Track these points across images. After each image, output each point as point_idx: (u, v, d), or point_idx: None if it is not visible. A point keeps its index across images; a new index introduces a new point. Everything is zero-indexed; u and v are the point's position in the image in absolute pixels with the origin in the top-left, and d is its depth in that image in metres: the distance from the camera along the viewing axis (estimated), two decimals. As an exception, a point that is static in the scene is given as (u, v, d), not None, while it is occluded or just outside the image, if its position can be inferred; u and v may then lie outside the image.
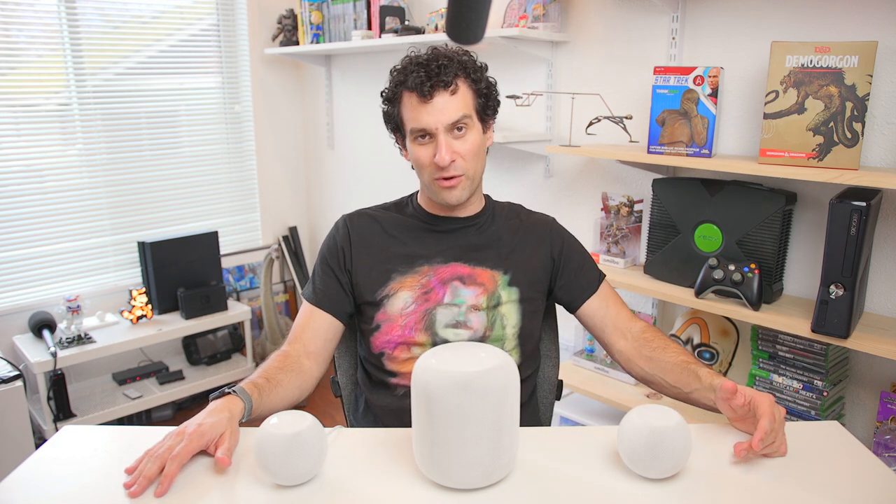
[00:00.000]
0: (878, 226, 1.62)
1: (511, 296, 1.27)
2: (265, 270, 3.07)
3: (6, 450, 2.03)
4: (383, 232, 1.31)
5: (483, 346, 0.93)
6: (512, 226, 1.34)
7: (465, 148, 1.21)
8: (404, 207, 1.36)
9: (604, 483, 0.91)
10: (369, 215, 1.34)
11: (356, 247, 1.30)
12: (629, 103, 2.05)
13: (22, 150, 2.57)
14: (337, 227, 1.34)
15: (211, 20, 3.02)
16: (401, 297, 1.25)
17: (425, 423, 0.87)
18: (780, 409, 1.00)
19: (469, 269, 1.27)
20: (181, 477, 0.92)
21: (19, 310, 2.62)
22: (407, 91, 1.20)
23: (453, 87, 1.19)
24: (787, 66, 1.53)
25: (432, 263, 1.27)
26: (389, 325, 1.25)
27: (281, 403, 1.15)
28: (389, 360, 1.25)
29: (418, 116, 1.19)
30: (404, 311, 1.24)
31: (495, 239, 1.31)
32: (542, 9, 2.13)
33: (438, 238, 1.30)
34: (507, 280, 1.28)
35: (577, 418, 2.14)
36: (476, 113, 1.24)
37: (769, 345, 1.73)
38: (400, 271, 1.27)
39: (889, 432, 1.58)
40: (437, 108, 1.18)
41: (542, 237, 1.34)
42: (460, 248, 1.29)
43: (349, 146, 3.17)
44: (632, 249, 2.10)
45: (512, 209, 1.39)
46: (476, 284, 1.26)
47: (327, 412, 2.90)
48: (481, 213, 1.33)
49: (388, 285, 1.26)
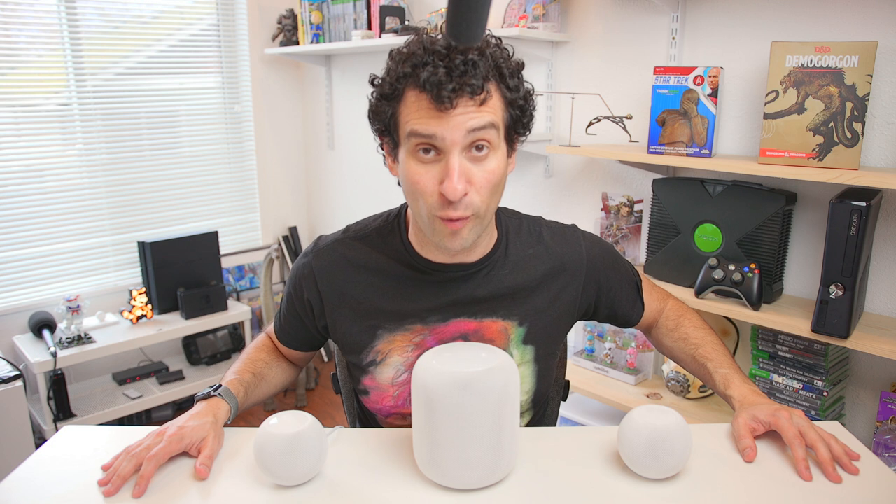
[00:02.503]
0: (878, 226, 1.62)
1: (525, 356, 1.06)
2: (265, 270, 3.07)
3: (6, 450, 2.03)
4: (361, 279, 1.04)
5: (483, 346, 0.93)
6: (531, 256, 1.07)
7: (483, 177, 0.89)
8: (389, 239, 1.04)
9: (604, 483, 0.91)
10: (341, 255, 1.05)
11: (329, 303, 1.05)
12: (629, 103, 2.05)
13: (22, 150, 2.57)
14: (302, 274, 1.06)
15: (211, 20, 3.02)
16: (391, 364, 1.04)
17: (425, 423, 0.87)
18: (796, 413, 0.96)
19: (475, 324, 1.03)
20: (181, 478, 0.92)
21: (19, 310, 2.62)
22: (415, 89, 0.87)
23: (483, 94, 0.86)
24: (787, 66, 1.53)
25: (427, 322, 1.03)
26: (380, 393, 1.06)
27: (264, 397, 1.15)
28: (383, 423, 1.12)
29: (427, 122, 0.86)
30: (396, 380, 1.04)
31: (510, 284, 1.04)
32: (542, 9, 2.13)
33: (433, 290, 1.02)
34: (521, 335, 1.05)
35: (577, 418, 2.14)
36: (504, 130, 0.92)
37: (769, 345, 1.73)
38: (387, 328, 1.03)
39: (889, 432, 1.58)
40: (455, 119, 0.85)
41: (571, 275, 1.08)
42: (463, 302, 1.03)
43: (349, 146, 3.17)
44: (632, 249, 2.10)
45: (531, 231, 1.09)
46: (483, 342, 1.03)
47: (327, 412, 2.90)
48: (492, 253, 1.03)
49: (375, 346, 1.04)
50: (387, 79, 0.91)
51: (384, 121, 0.93)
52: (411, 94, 0.88)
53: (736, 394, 1.04)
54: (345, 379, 1.41)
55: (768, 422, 0.95)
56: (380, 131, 0.96)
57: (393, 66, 0.91)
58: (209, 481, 0.91)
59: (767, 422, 0.95)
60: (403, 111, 0.90)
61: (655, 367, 2.09)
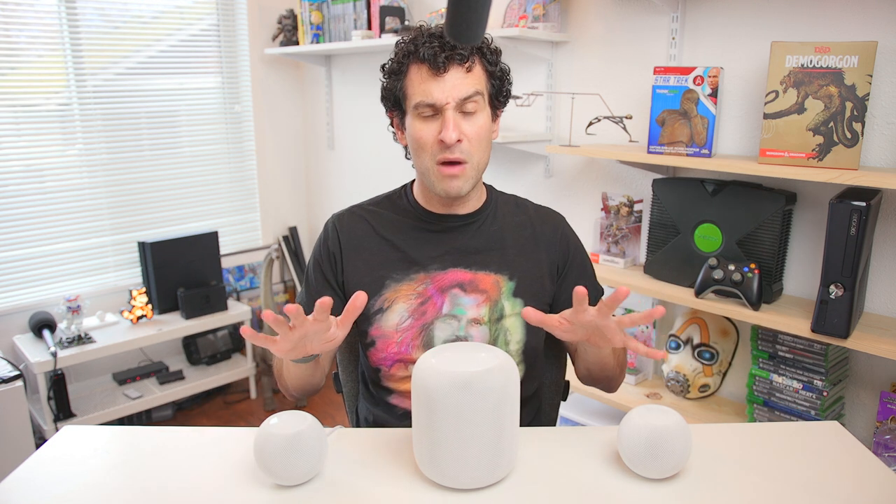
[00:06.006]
0: (878, 226, 1.62)
1: (515, 308, 1.18)
2: (265, 270, 3.07)
3: (6, 450, 2.03)
4: (375, 234, 1.23)
5: (483, 346, 0.93)
6: (518, 223, 1.25)
7: (473, 130, 1.11)
8: (397, 201, 1.26)
9: (604, 483, 0.91)
10: (359, 215, 1.26)
11: (347, 252, 1.22)
12: (629, 103, 2.05)
13: (22, 150, 2.57)
14: (327, 231, 1.27)
15: (211, 20, 3.02)
16: (396, 310, 1.17)
17: (425, 423, 0.87)
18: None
19: (470, 275, 1.19)
20: (180, 478, 0.92)
21: (19, 310, 2.62)
22: (416, 63, 1.11)
23: (469, 63, 1.10)
24: (786, 66, 1.53)
25: (429, 270, 1.19)
26: (385, 341, 1.17)
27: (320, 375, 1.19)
28: (387, 377, 1.20)
29: (427, 89, 1.09)
30: (400, 326, 1.17)
31: (498, 239, 1.22)
32: (542, 9, 2.13)
33: (435, 240, 1.21)
34: (511, 288, 1.19)
35: (577, 418, 2.14)
36: (488, 95, 1.15)
37: (769, 345, 1.73)
38: (395, 278, 1.19)
39: (889, 432, 1.58)
40: (448, 83, 1.09)
41: (550, 241, 1.25)
42: (459, 251, 1.20)
43: (349, 146, 3.17)
44: (632, 249, 2.10)
45: (518, 203, 1.29)
46: (478, 292, 1.18)
47: (327, 412, 2.90)
48: (482, 208, 1.24)
49: (383, 294, 1.18)
50: (394, 58, 1.15)
51: (394, 97, 1.16)
52: (413, 68, 1.12)
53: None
54: (345, 379, 1.41)
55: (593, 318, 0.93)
56: (391, 106, 1.19)
57: (398, 50, 1.14)
58: (209, 481, 0.91)
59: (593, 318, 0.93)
60: (408, 85, 1.13)
61: (655, 368, 2.09)
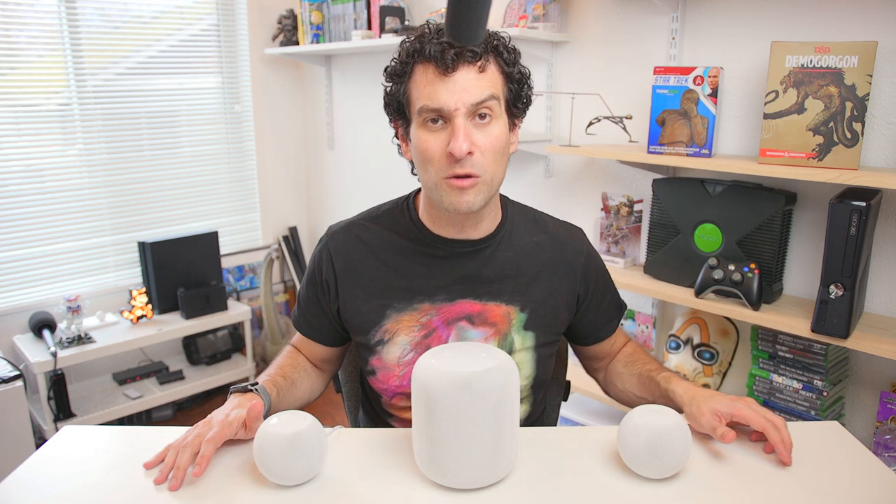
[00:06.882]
0: (878, 226, 1.62)
1: (525, 342, 1.09)
2: (265, 270, 3.07)
3: (6, 450, 2.03)
4: (373, 258, 1.09)
5: (483, 346, 0.93)
6: (535, 243, 1.12)
7: (487, 141, 0.96)
8: (399, 218, 1.11)
9: (604, 483, 0.91)
10: (356, 235, 1.11)
11: (343, 279, 1.10)
12: (629, 103, 2.05)
13: (22, 150, 2.57)
14: (320, 255, 1.13)
15: (211, 20, 3.02)
16: (398, 343, 1.07)
17: (425, 423, 0.87)
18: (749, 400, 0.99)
19: (480, 306, 1.08)
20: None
21: (19, 310, 2.62)
22: (422, 62, 0.96)
23: (482, 62, 0.95)
24: (786, 66, 1.53)
25: (435, 301, 1.07)
26: (386, 373, 1.09)
27: (295, 402, 1.14)
28: (388, 405, 1.15)
29: (433, 92, 0.94)
30: (402, 359, 1.08)
31: (513, 266, 1.09)
32: (542, 9, 2.13)
33: (442, 267, 1.08)
34: (522, 320, 1.09)
35: (578, 418, 2.14)
36: (505, 103, 1.00)
37: (769, 345, 1.73)
38: (396, 308, 1.08)
39: (889, 432, 1.58)
40: (458, 85, 0.93)
41: (571, 268, 1.14)
42: (470, 280, 1.08)
43: (349, 146, 3.17)
44: (632, 249, 2.10)
45: (537, 220, 1.16)
46: (487, 324, 1.08)
47: (327, 412, 2.90)
48: (496, 231, 1.09)
49: (384, 325, 1.08)
50: (398, 58, 1.01)
51: (396, 103, 1.02)
52: (419, 68, 0.97)
53: (679, 388, 1.05)
54: (345, 379, 1.41)
55: (730, 413, 0.96)
56: (394, 114, 1.05)
57: (402, 50, 1.00)
58: (209, 482, 0.91)
59: (729, 413, 0.96)
60: (413, 88, 0.98)
61: (655, 367, 2.09)
